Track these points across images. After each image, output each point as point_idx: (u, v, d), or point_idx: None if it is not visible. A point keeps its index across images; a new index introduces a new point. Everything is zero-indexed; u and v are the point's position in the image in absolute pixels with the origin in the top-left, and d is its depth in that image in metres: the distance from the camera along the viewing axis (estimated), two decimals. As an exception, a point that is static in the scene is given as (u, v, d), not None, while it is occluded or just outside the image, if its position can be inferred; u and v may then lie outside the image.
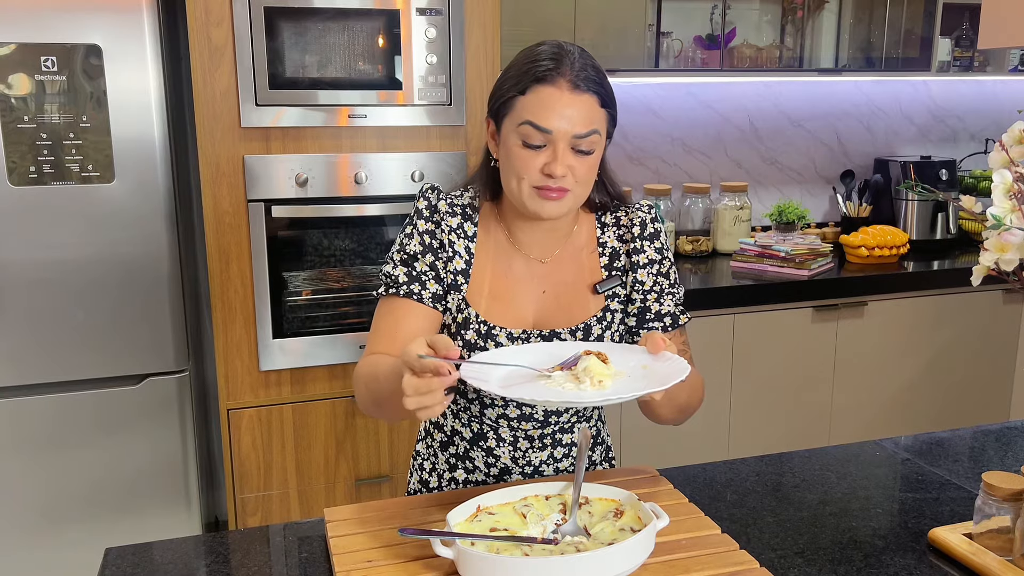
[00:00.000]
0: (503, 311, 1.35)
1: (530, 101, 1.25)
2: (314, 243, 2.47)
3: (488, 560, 1.02)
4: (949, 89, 3.67)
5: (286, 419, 2.46)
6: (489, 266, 1.37)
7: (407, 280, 1.34)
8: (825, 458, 1.52)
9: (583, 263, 1.39)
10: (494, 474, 1.41)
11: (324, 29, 2.30)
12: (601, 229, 1.40)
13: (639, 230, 1.38)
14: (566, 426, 1.41)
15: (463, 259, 1.36)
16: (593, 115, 1.26)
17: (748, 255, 3.03)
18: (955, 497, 1.36)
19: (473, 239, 1.37)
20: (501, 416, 1.38)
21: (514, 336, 1.34)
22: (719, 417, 2.85)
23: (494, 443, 1.39)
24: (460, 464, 1.43)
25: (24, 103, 2.16)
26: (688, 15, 3.10)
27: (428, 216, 1.37)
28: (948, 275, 3.07)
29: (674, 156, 3.34)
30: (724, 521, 1.26)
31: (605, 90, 1.28)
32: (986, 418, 3.15)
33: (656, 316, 1.38)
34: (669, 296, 1.39)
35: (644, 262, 1.38)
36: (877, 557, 1.18)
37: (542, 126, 1.24)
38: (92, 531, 2.38)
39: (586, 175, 1.28)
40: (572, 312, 1.36)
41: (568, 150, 1.25)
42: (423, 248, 1.36)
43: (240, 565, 1.20)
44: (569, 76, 1.24)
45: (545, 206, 1.27)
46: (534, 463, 1.41)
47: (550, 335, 1.35)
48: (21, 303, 2.25)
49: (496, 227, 1.38)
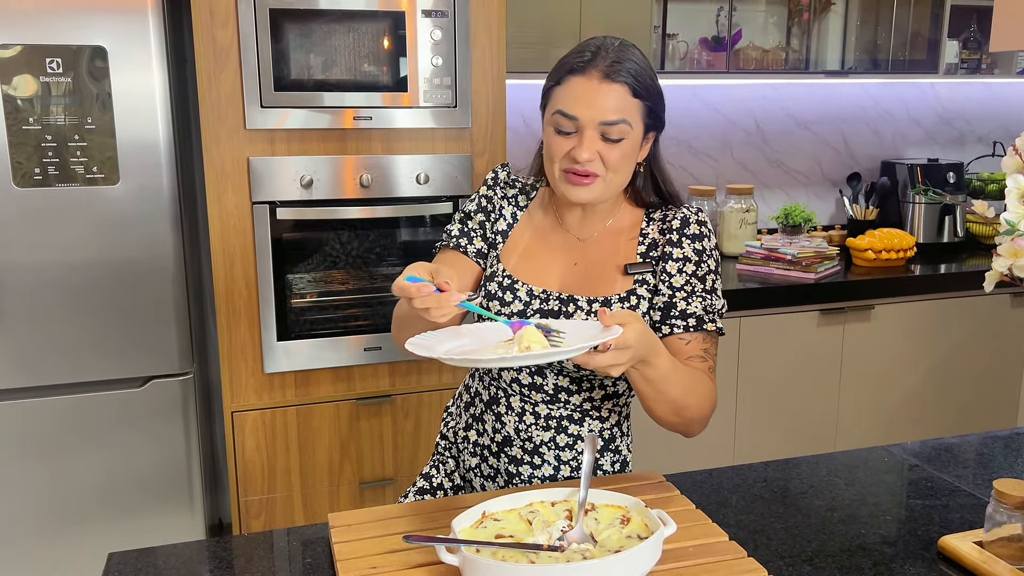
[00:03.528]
0: (529, 270, 1.44)
1: (563, 91, 1.34)
2: (319, 245, 2.46)
3: (494, 568, 1.01)
4: (956, 91, 3.65)
5: (290, 422, 2.46)
6: (529, 233, 1.47)
7: (458, 235, 1.49)
8: (833, 464, 1.51)
9: (620, 246, 1.43)
10: (498, 440, 1.44)
11: (329, 31, 2.30)
12: (647, 222, 1.45)
13: (679, 224, 1.41)
14: (575, 415, 1.41)
15: (506, 222, 1.49)
16: (623, 104, 1.32)
17: (754, 258, 3.02)
18: (965, 504, 1.35)
19: (523, 208, 1.50)
20: (515, 380, 1.41)
21: (534, 294, 1.41)
22: (725, 420, 2.83)
23: (504, 409, 1.43)
24: (474, 424, 1.48)
25: (29, 105, 2.16)
26: (694, 17, 3.09)
27: (491, 185, 1.51)
28: (955, 279, 3.06)
29: (680, 158, 3.33)
30: (731, 528, 1.25)
31: (640, 82, 1.34)
32: (994, 423, 3.13)
33: (680, 314, 1.36)
34: (700, 299, 1.37)
35: (678, 256, 1.39)
36: (887, 565, 1.17)
37: (569, 113, 1.32)
38: (95, 533, 2.37)
39: (617, 163, 1.34)
40: (596, 286, 1.41)
41: (596, 137, 1.33)
42: (477, 208, 1.50)
43: (243, 571, 1.20)
44: (602, 67, 1.32)
45: (572, 191, 1.36)
46: (535, 441, 1.41)
47: (568, 299, 1.39)
48: (25, 305, 2.24)
49: (548, 204, 1.49)
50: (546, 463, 1.42)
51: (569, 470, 1.42)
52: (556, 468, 1.42)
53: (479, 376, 1.49)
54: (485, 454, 1.46)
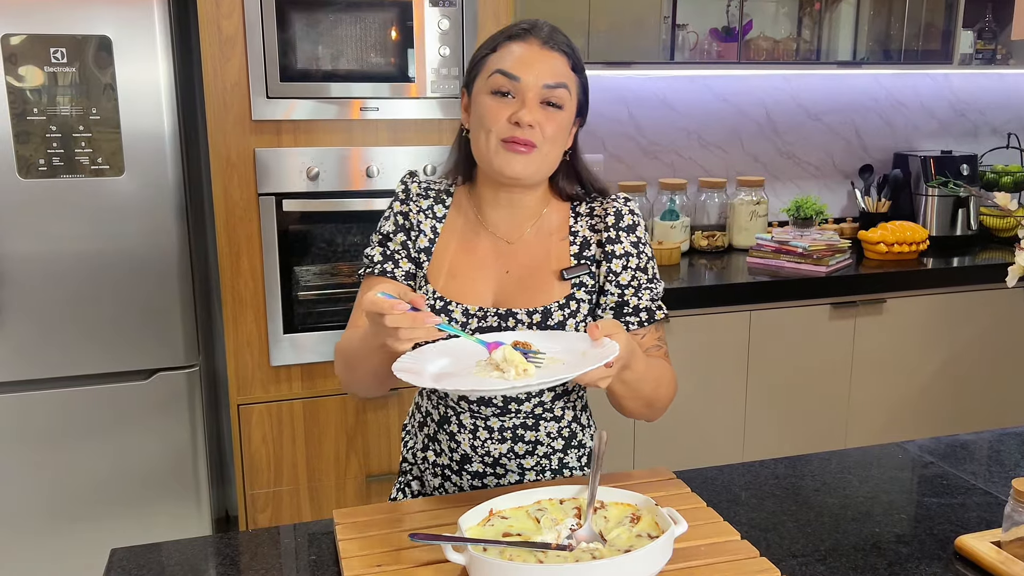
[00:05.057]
0: (460, 288, 1.36)
1: (501, 55, 1.31)
2: (325, 237, 2.44)
3: (501, 567, 0.99)
4: (971, 82, 3.60)
5: (296, 415, 2.44)
6: (453, 245, 1.39)
7: (382, 259, 1.39)
8: (845, 460, 1.48)
9: (551, 249, 1.38)
10: (457, 459, 1.38)
11: (336, 21, 2.28)
12: (575, 218, 1.40)
13: (614, 220, 1.37)
14: (528, 421, 1.37)
15: (427, 238, 1.39)
16: (563, 71, 1.31)
17: (765, 251, 2.99)
18: (981, 503, 1.32)
19: (441, 220, 1.41)
20: (462, 398, 1.36)
21: (470, 313, 1.34)
22: (734, 415, 2.81)
23: (456, 428, 1.38)
24: (431, 444, 1.42)
25: (34, 95, 2.15)
26: (704, 7, 3.05)
27: (403, 200, 1.41)
28: (969, 272, 3.02)
29: (690, 150, 3.30)
30: (743, 526, 1.23)
31: (577, 58, 1.33)
32: (1008, 419, 3.10)
33: (633, 311, 1.36)
34: (647, 291, 1.37)
35: (620, 253, 1.36)
36: (902, 565, 1.15)
37: (511, 73, 1.28)
38: (101, 527, 2.36)
39: (554, 133, 1.30)
40: (533, 294, 1.35)
41: (537, 104, 1.28)
42: (396, 228, 1.40)
43: (248, 567, 1.18)
44: (541, 36, 1.31)
45: (512, 160, 1.28)
46: (493, 455, 1.37)
47: (507, 314, 1.33)
48: (30, 297, 2.23)
49: (467, 206, 1.41)
50: (509, 472, 1.38)
51: (534, 475, 1.39)
52: (520, 476, 1.38)
53: (426, 395, 1.43)
54: (447, 473, 1.40)
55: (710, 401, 2.76)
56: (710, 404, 2.77)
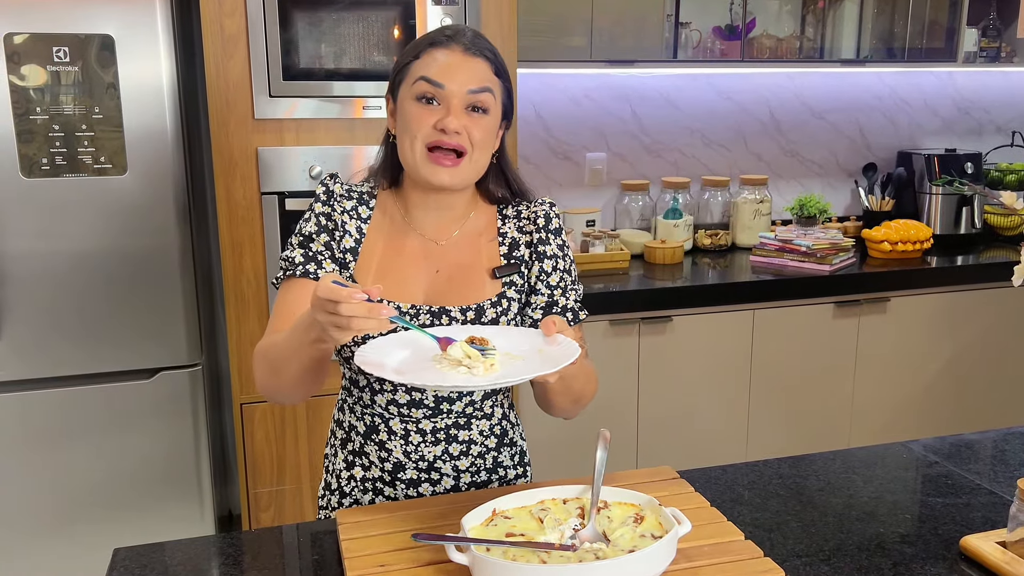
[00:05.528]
0: (390, 286, 1.34)
1: (424, 63, 1.30)
2: (328, 236, 2.44)
3: (504, 567, 0.99)
4: (975, 80, 3.59)
5: (299, 413, 2.44)
6: (380, 245, 1.38)
7: (303, 260, 1.34)
8: (849, 460, 1.48)
9: (481, 249, 1.39)
10: (388, 469, 1.36)
11: (339, 19, 2.27)
12: (502, 220, 1.42)
13: (543, 222, 1.40)
14: (460, 420, 1.36)
15: (353, 238, 1.37)
16: (486, 76, 1.31)
17: (768, 249, 2.98)
18: (986, 503, 1.32)
19: (366, 221, 1.39)
20: (391, 403, 1.35)
21: (403, 310, 1.33)
22: (738, 414, 2.81)
23: (385, 436, 1.36)
24: (356, 460, 1.39)
25: (37, 95, 2.15)
26: (707, 5, 3.04)
27: (325, 200, 1.38)
28: (973, 271, 3.01)
29: (693, 148, 3.29)
30: (747, 526, 1.23)
31: (499, 63, 1.34)
32: (1012, 419, 3.09)
33: (562, 310, 1.39)
34: (572, 292, 1.41)
35: (550, 254, 1.39)
36: (906, 565, 1.15)
37: (435, 80, 1.28)
38: (104, 525, 2.37)
39: (482, 139, 1.30)
40: (466, 292, 1.36)
41: (462, 109, 1.28)
42: (319, 229, 1.36)
43: (250, 567, 1.18)
44: (463, 42, 1.30)
45: (438, 172, 1.29)
46: (428, 459, 1.35)
47: (440, 312, 1.33)
48: (33, 296, 2.23)
49: (393, 208, 1.40)
50: (445, 476, 1.36)
51: (470, 476, 1.37)
52: (456, 478, 1.37)
53: (349, 408, 1.40)
54: (379, 486, 1.37)
55: (713, 400, 2.76)
56: (713, 403, 2.76)
